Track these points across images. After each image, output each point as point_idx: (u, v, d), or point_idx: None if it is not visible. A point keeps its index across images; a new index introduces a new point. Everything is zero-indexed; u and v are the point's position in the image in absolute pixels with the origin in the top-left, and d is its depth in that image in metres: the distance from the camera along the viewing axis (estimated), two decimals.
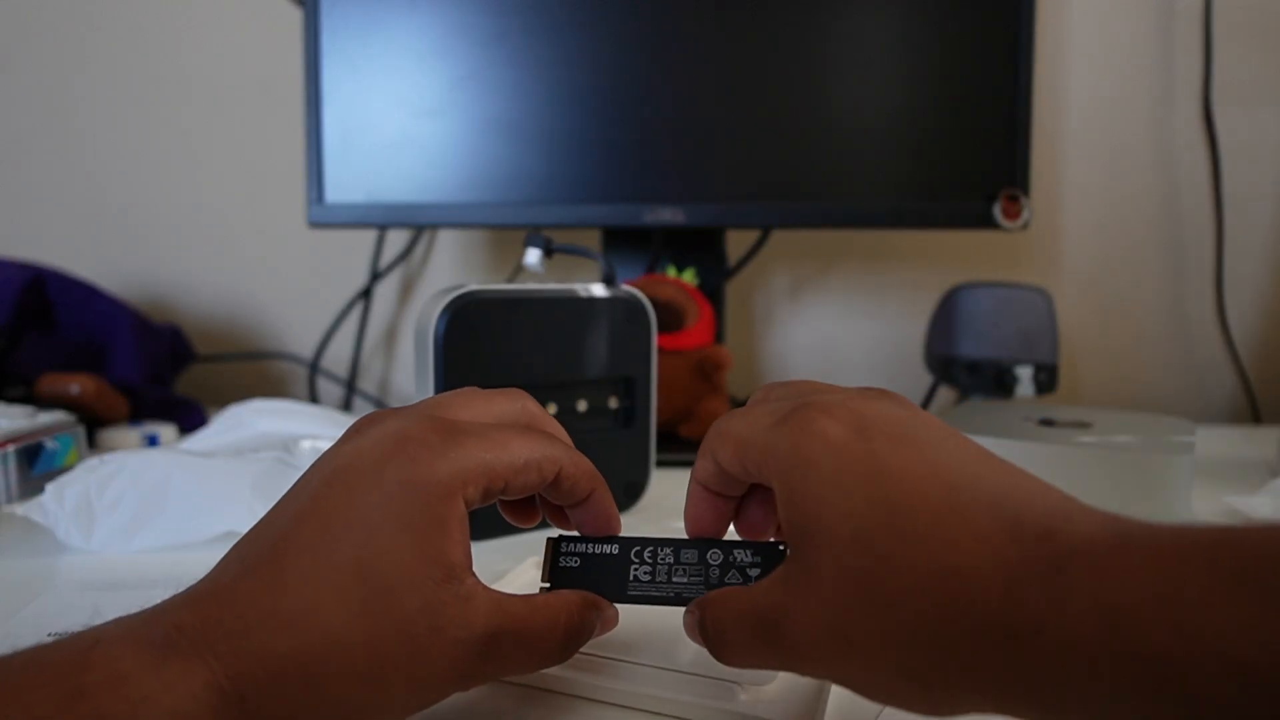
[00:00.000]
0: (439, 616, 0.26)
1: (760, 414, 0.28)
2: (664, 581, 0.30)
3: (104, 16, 1.00)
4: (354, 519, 0.26)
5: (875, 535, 0.23)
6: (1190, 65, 0.93)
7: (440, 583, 0.26)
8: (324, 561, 0.25)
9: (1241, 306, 0.96)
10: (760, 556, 0.30)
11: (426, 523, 0.26)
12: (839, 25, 0.76)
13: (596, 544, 0.31)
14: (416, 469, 0.27)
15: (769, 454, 0.26)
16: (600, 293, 0.52)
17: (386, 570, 0.25)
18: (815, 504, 0.24)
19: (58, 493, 0.47)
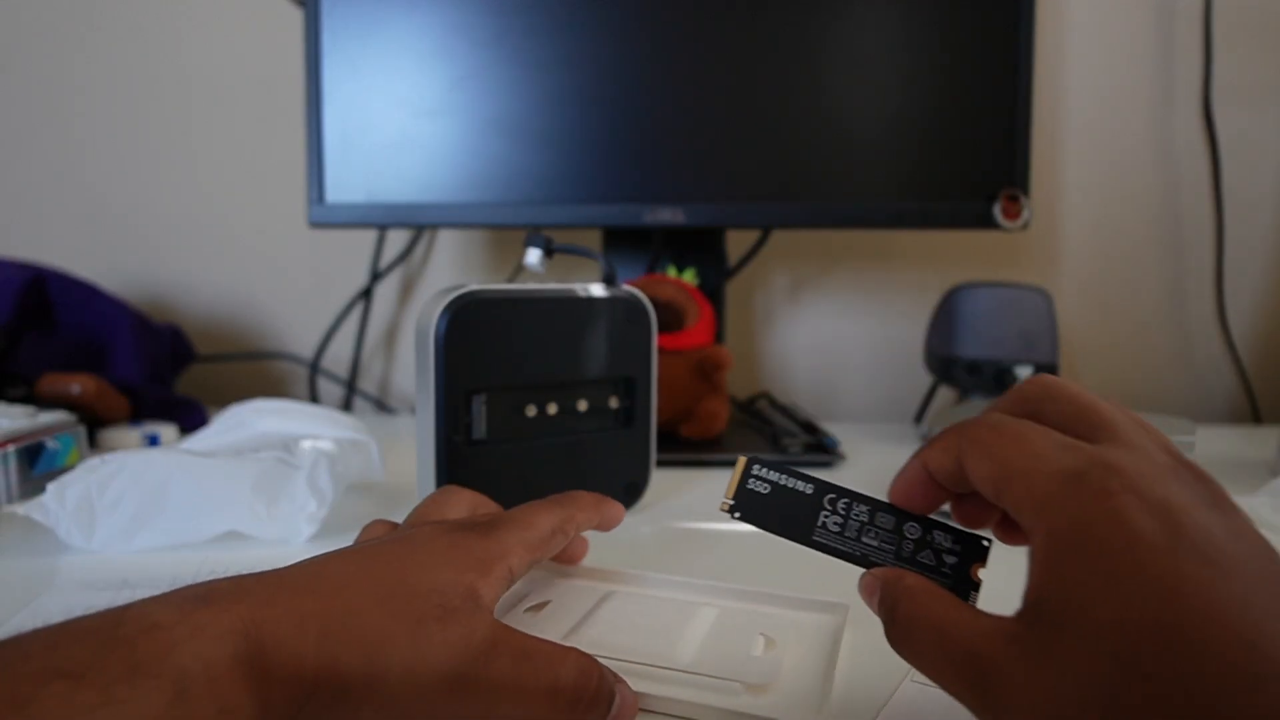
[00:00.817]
0: (450, 612, 0.28)
1: (1045, 449, 0.24)
2: (852, 538, 0.29)
3: (104, 16, 1.00)
4: (408, 558, 0.30)
5: (1146, 664, 0.20)
6: (1190, 65, 0.93)
7: (460, 596, 0.29)
8: (368, 568, 0.29)
9: (1241, 306, 0.96)
10: (961, 546, 0.28)
11: (467, 563, 0.30)
12: (839, 25, 0.76)
13: (790, 478, 0.30)
14: (464, 540, 0.31)
15: (1047, 509, 0.23)
16: (600, 293, 0.52)
17: (421, 580, 0.29)
18: (1087, 594, 0.21)
19: (58, 492, 0.47)
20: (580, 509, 0.38)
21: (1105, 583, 0.21)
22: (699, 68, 0.77)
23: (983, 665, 0.23)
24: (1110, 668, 0.20)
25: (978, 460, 0.26)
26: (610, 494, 0.53)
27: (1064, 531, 0.22)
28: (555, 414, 0.51)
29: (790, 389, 1.00)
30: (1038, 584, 0.23)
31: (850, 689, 0.33)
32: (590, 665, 0.29)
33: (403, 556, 0.30)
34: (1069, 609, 0.22)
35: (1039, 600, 0.23)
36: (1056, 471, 0.23)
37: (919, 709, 0.31)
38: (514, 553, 0.32)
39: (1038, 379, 0.27)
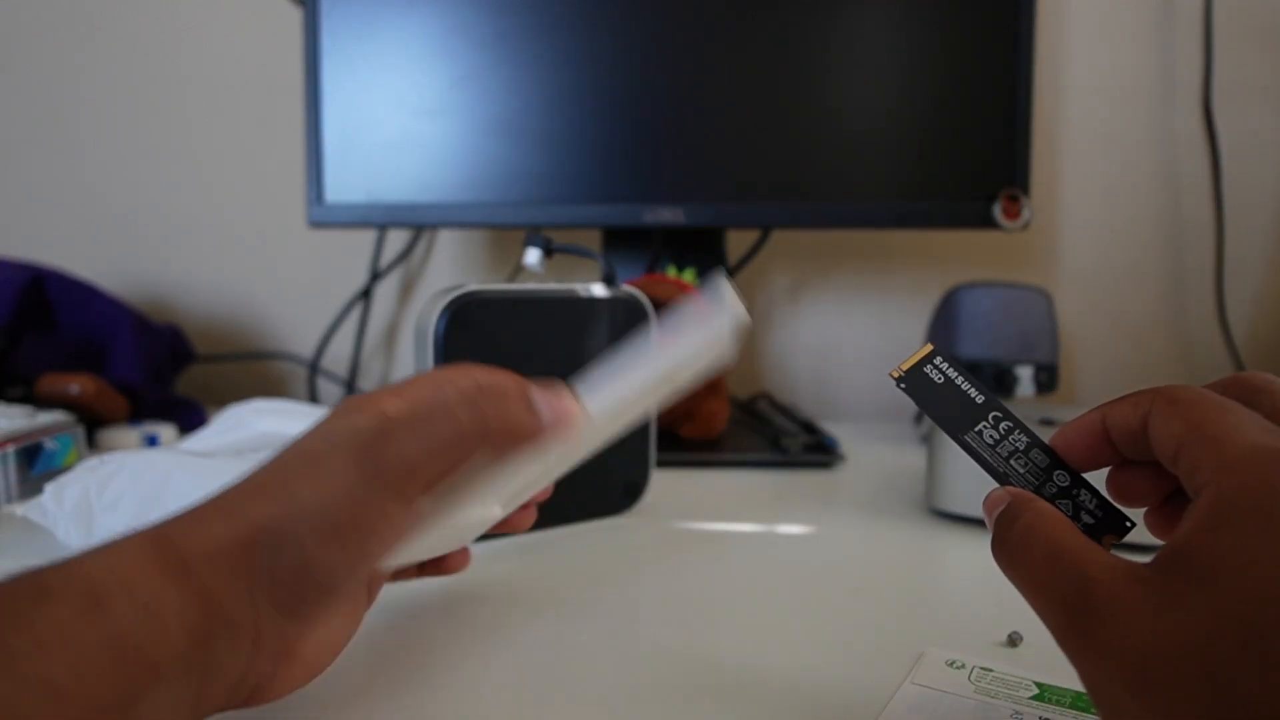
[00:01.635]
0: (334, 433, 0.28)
1: (1245, 423, 0.23)
2: (1003, 456, 0.29)
3: (104, 16, 1.00)
4: None
5: (1272, 640, 0.19)
6: (1190, 65, 0.93)
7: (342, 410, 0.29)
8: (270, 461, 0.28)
9: (1241, 306, 0.96)
10: (1104, 514, 0.28)
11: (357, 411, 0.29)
12: (839, 25, 0.76)
13: (967, 381, 0.30)
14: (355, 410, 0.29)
15: (1226, 471, 0.22)
16: (600, 293, 0.52)
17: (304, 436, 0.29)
18: (1240, 557, 0.20)
19: (57, 493, 0.47)
20: None
21: (1266, 554, 0.20)
22: (699, 68, 0.76)
23: (1094, 593, 0.22)
24: (1233, 635, 0.19)
25: (1168, 419, 0.24)
26: (610, 495, 0.54)
27: (1239, 495, 0.21)
28: None
29: (790, 389, 1.00)
30: (1188, 537, 0.22)
31: (850, 689, 0.33)
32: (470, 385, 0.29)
33: None
34: (1214, 568, 0.21)
35: (1184, 550, 0.21)
36: (1249, 443, 0.22)
37: (919, 709, 0.31)
38: None
39: (1262, 374, 0.26)
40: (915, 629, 0.38)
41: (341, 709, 0.31)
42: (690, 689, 0.33)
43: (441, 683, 0.34)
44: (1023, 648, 0.36)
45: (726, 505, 0.58)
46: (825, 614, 0.40)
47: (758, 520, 0.54)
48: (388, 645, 0.37)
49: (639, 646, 0.37)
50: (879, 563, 0.47)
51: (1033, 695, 0.32)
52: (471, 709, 0.32)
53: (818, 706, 0.32)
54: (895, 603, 0.42)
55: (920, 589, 0.44)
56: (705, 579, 0.45)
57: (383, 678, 0.34)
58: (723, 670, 0.35)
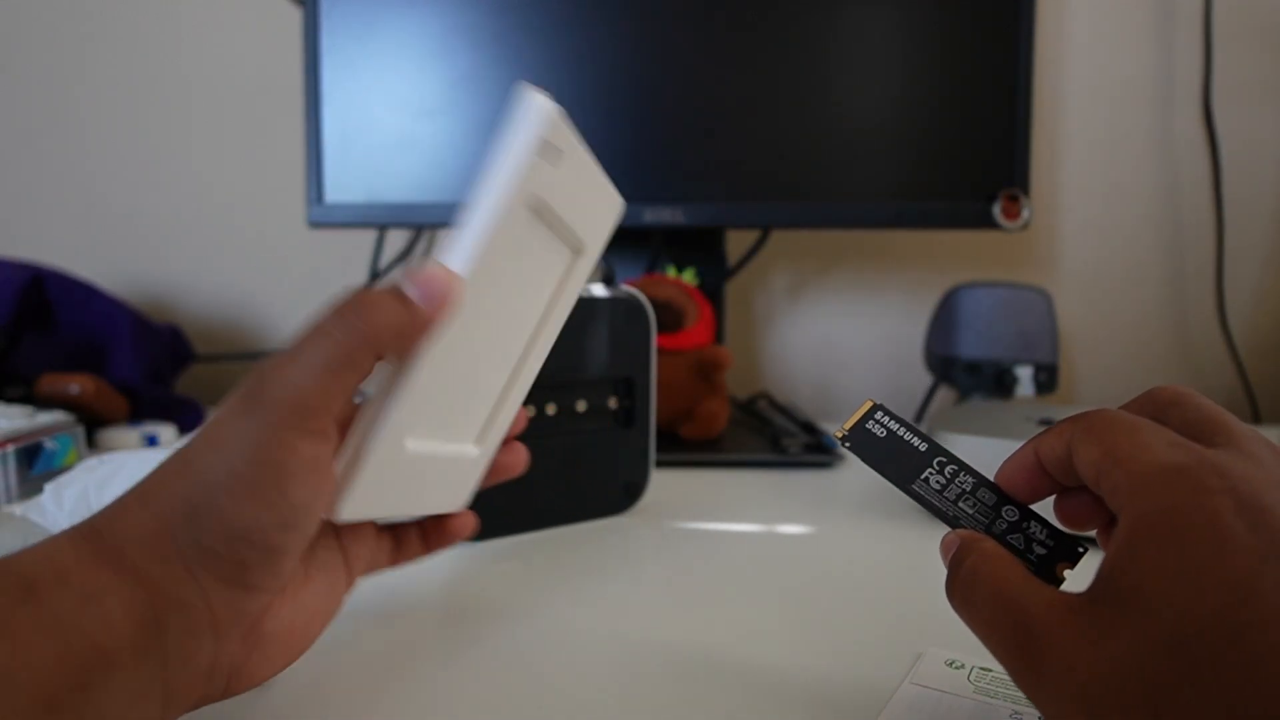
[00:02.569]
0: (228, 400, 0.28)
1: (1155, 442, 0.24)
2: (951, 500, 0.30)
3: (103, 16, 1.00)
4: None
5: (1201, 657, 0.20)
6: (1190, 65, 0.93)
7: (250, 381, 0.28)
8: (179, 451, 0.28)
9: (1241, 306, 0.96)
10: (1055, 543, 0.28)
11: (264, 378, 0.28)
12: (839, 25, 0.76)
13: (909, 432, 0.31)
14: None
15: (1140, 494, 0.23)
16: (600, 293, 0.52)
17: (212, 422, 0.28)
18: (1159, 581, 0.21)
19: (56, 493, 0.47)
20: None
21: (1181, 572, 0.21)
22: (699, 67, 0.76)
23: (1035, 631, 0.23)
24: (1164, 656, 0.20)
25: (1087, 445, 0.25)
26: (610, 494, 0.54)
27: (1151, 516, 0.22)
28: (554, 414, 0.51)
29: (790, 389, 1.00)
30: (1112, 564, 0.23)
31: (850, 689, 0.33)
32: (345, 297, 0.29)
33: None
34: (1137, 591, 0.21)
35: (1110, 578, 0.22)
36: (1160, 462, 0.23)
37: (919, 709, 0.31)
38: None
39: (1171, 387, 0.27)
40: (915, 629, 0.38)
41: (341, 706, 0.31)
42: (690, 689, 0.33)
43: (440, 682, 0.34)
44: None
45: (726, 505, 0.58)
46: (825, 614, 0.40)
47: (758, 520, 0.54)
48: (386, 643, 0.37)
49: (639, 646, 0.37)
50: (879, 563, 0.47)
51: None
52: (471, 708, 0.32)
53: (818, 706, 0.32)
54: (895, 603, 0.42)
55: (920, 589, 0.44)
56: (705, 579, 0.45)
57: (382, 676, 0.34)
58: (723, 670, 0.35)
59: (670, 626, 0.39)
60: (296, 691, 0.32)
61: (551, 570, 0.46)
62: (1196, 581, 0.21)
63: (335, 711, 0.31)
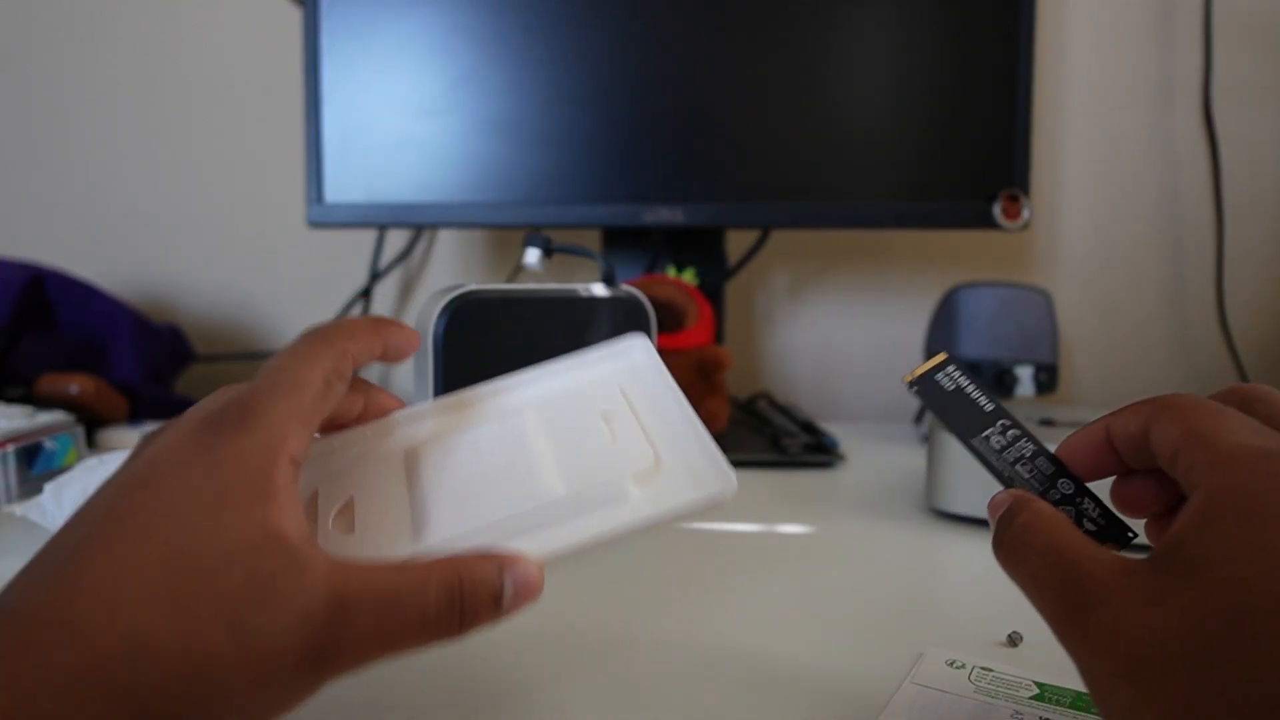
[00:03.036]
0: (269, 588, 0.22)
1: (1241, 427, 0.24)
2: (1009, 461, 0.29)
3: (104, 16, 1.00)
4: (163, 511, 0.23)
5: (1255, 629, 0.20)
6: (1190, 65, 0.93)
7: (268, 551, 0.22)
8: (128, 560, 0.22)
9: (1241, 306, 0.96)
10: (1106, 522, 0.28)
11: (245, 495, 0.23)
12: (839, 25, 0.76)
13: (977, 390, 0.31)
14: (223, 445, 0.24)
15: (1220, 470, 0.23)
16: (600, 292, 0.52)
17: (203, 551, 0.22)
18: (1230, 552, 0.21)
19: (56, 493, 0.47)
20: (352, 337, 0.29)
21: (1254, 549, 0.21)
22: (699, 68, 0.76)
23: (1087, 585, 0.23)
24: (1222, 625, 0.20)
25: (1168, 424, 0.25)
26: None
27: (1230, 492, 0.22)
28: None
29: (790, 389, 1.00)
30: (1181, 533, 0.22)
31: (850, 689, 0.33)
32: (452, 574, 0.25)
33: (160, 504, 0.23)
34: (1205, 561, 0.21)
35: (1178, 545, 0.22)
36: (1245, 444, 0.23)
37: (919, 709, 0.31)
38: (289, 434, 0.25)
39: (1258, 385, 0.27)
40: (915, 629, 0.38)
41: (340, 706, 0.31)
42: (690, 689, 0.33)
43: (439, 680, 0.34)
44: (1023, 648, 0.36)
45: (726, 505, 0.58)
46: (825, 614, 0.40)
47: (757, 520, 0.54)
48: None
49: (638, 646, 0.37)
50: (879, 563, 0.47)
51: (1033, 695, 0.32)
52: (470, 707, 0.32)
53: (818, 706, 0.32)
54: (895, 603, 0.42)
55: (920, 589, 0.44)
56: (705, 579, 0.45)
57: (381, 675, 0.34)
58: (723, 670, 0.35)
59: (670, 626, 0.39)
60: None
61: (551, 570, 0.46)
62: (1268, 559, 0.20)
63: (335, 711, 0.31)
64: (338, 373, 0.28)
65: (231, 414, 0.25)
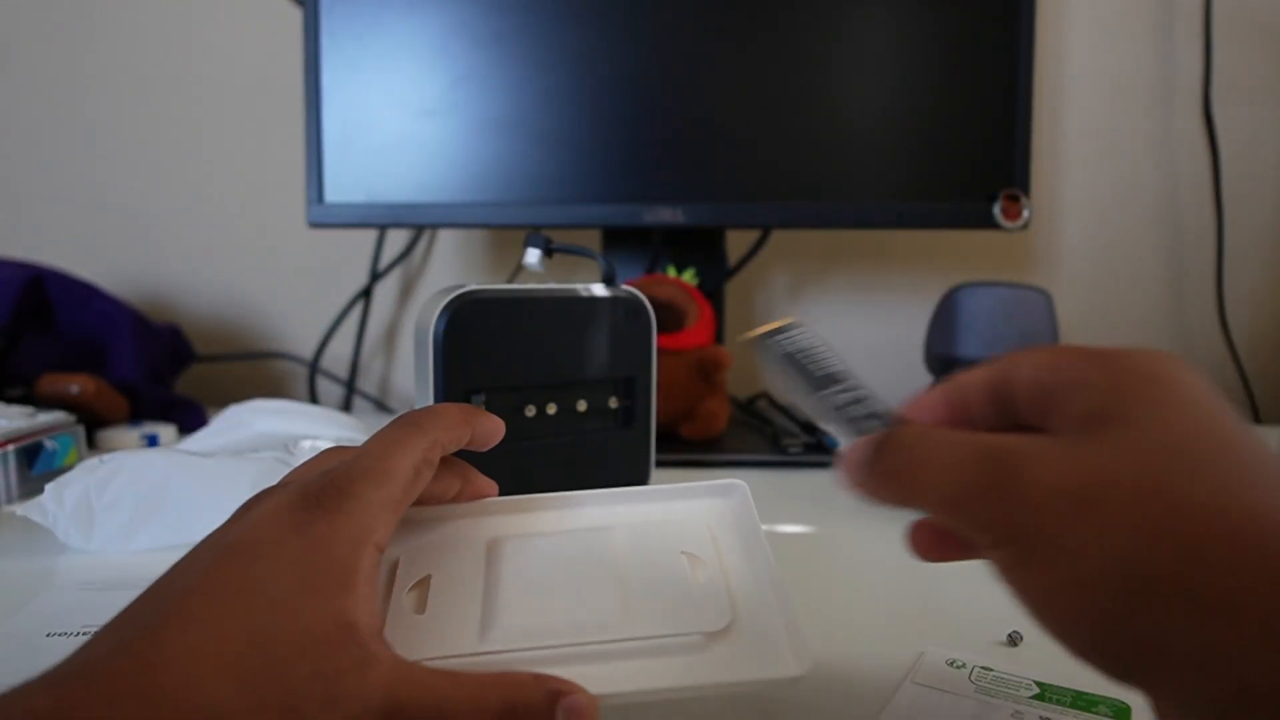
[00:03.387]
0: (333, 685, 0.23)
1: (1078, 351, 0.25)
2: (859, 417, 0.29)
3: (104, 16, 1.00)
4: (249, 589, 0.23)
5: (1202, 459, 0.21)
6: (1190, 64, 0.93)
7: (338, 646, 0.23)
8: (212, 635, 0.22)
9: (1241, 306, 0.96)
10: None
11: (328, 582, 0.24)
12: (839, 25, 0.76)
13: (822, 350, 0.31)
14: (314, 529, 0.25)
15: (1114, 363, 0.23)
16: (600, 293, 0.52)
17: (279, 639, 0.22)
18: (1156, 408, 0.22)
19: (57, 493, 0.47)
20: (444, 427, 0.30)
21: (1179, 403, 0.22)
22: (699, 68, 0.76)
23: (1005, 453, 0.23)
24: (1167, 458, 0.21)
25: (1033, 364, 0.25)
26: None
27: (1134, 371, 0.23)
28: (555, 414, 0.51)
29: None
30: (1099, 404, 0.23)
31: (851, 688, 0.33)
32: (507, 695, 0.25)
33: (250, 581, 0.23)
34: (1131, 417, 0.22)
35: (1099, 412, 0.22)
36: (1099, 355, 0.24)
37: (919, 709, 0.31)
38: (378, 523, 0.26)
39: None
40: (915, 629, 0.38)
41: None
42: None
43: None
44: (1023, 647, 0.36)
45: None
46: (825, 614, 0.40)
47: None
48: None
49: None
50: (879, 563, 0.47)
51: (1033, 695, 0.32)
52: None
53: (818, 706, 0.32)
54: (895, 602, 0.42)
55: (920, 589, 0.44)
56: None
57: None
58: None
59: None
60: None
61: None
62: (1193, 408, 0.22)
63: None
64: (427, 461, 0.29)
65: (328, 496, 0.26)
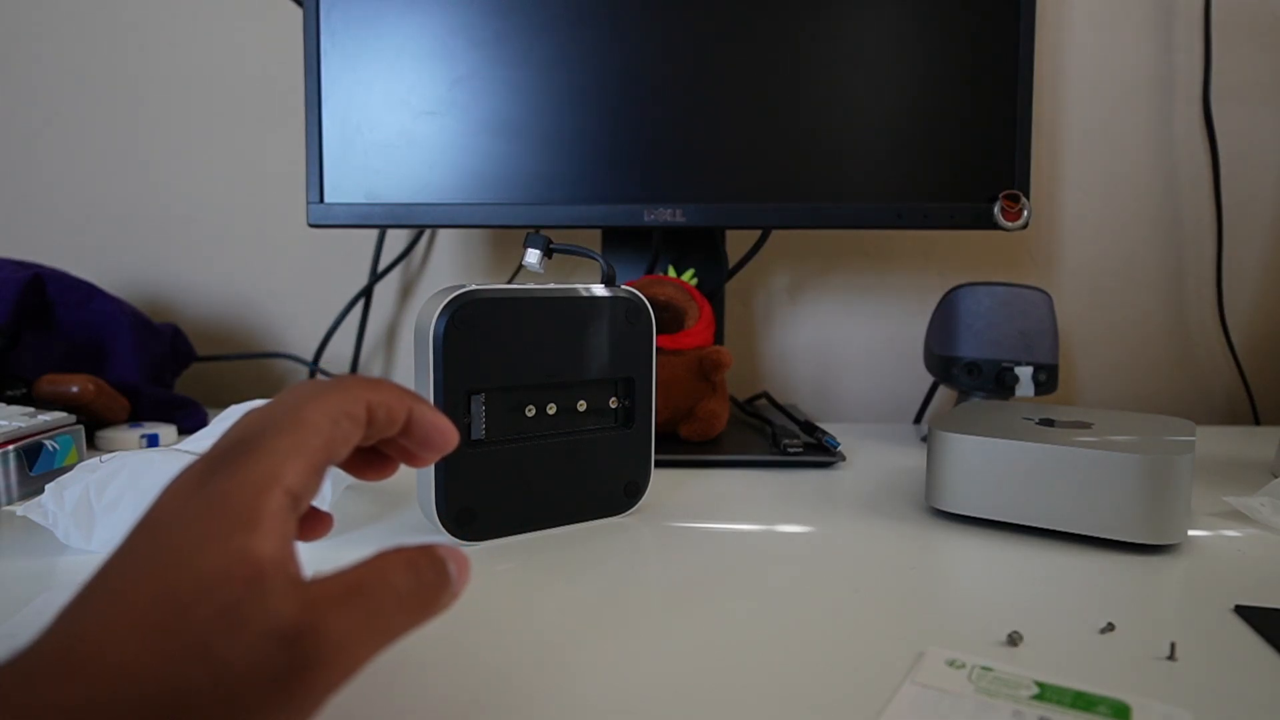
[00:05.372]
0: (234, 617, 0.22)
1: None
2: None
3: (103, 16, 1.00)
4: (153, 550, 0.24)
5: None
6: (1190, 65, 0.93)
7: (239, 579, 0.23)
8: (122, 600, 0.23)
9: (1241, 306, 0.96)
10: None
11: (226, 525, 0.24)
12: (839, 25, 0.76)
13: None
14: (215, 482, 0.25)
15: None
16: (600, 293, 0.52)
17: (182, 586, 0.23)
18: None
19: (57, 493, 0.47)
20: (373, 389, 0.30)
21: None
22: (699, 68, 0.76)
23: None
24: None
25: None
26: (611, 494, 0.54)
27: None
28: (555, 414, 0.51)
29: (790, 389, 1.00)
30: None
31: (851, 688, 0.33)
32: (408, 555, 0.27)
33: (155, 542, 0.24)
34: None
35: None
36: None
37: (919, 709, 0.31)
38: (285, 468, 0.26)
39: None
40: (915, 629, 0.38)
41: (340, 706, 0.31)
42: (690, 689, 0.33)
43: (440, 682, 0.34)
44: (1023, 647, 0.36)
45: (726, 505, 0.58)
46: (825, 614, 0.40)
47: (758, 520, 0.54)
48: None
49: (639, 646, 0.37)
50: (879, 563, 0.47)
51: (1033, 695, 0.32)
52: (470, 707, 0.32)
53: (818, 706, 0.32)
54: (895, 603, 0.42)
55: (920, 589, 0.44)
56: (705, 578, 0.45)
57: (381, 675, 0.34)
58: (723, 670, 0.35)
59: (670, 626, 0.39)
60: None
61: (551, 570, 0.46)
62: None
63: (334, 711, 0.31)
64: (347, 414, 0.28)
65: (232, 451, 0.26)
